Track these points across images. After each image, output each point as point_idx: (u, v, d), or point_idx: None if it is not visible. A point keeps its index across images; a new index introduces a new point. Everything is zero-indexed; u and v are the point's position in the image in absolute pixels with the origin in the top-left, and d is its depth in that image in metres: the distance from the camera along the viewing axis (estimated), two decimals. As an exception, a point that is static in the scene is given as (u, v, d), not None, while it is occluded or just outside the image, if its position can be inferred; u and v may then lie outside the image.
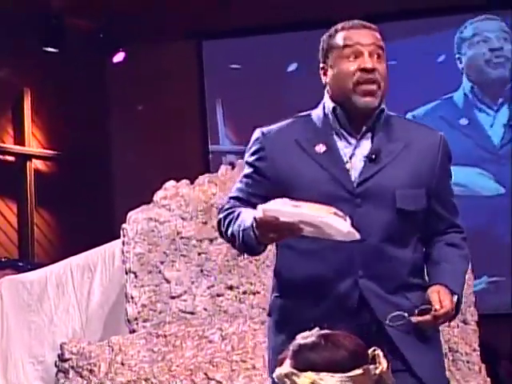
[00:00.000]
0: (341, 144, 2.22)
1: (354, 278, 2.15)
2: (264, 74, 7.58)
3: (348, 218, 2.00)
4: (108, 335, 3.92)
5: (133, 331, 3.82)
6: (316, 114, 2.28)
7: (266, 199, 2.17)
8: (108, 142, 7.91)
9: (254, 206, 2.18)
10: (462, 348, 3.81)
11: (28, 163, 7.27)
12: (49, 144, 7.50)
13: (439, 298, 2.15)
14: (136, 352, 3.69)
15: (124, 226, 4.01)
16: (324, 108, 2.27)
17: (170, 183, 4.14)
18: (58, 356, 3.81)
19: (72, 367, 3.72)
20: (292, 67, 7.65)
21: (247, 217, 2.14)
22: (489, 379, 3.84)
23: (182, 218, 3.98)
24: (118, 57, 7.72)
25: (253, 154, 2.26)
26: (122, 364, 3.67)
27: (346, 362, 1.56)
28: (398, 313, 2.13)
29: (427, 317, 2.14)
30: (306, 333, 1.61)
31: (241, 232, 2.14)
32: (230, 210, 2.24)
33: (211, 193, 4.04)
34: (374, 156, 2.19)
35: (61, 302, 4.20)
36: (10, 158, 7.26)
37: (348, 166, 2.20)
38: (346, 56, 2.21)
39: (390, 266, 2.17)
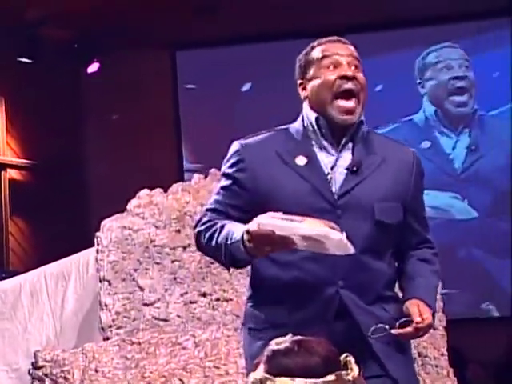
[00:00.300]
0: (321, 155, 2.20)
1: (336, 288, 2.14)
2: (219, 94, 7.60)
3: (344, 233, 1.99)
4: (82, 343, 3.87)
5: (107, 338, 3.78)
6: (294, 127, 2.25)
7: (245, 211, 2.16)
8: (82, 152, 7.87)
9: (233, 218, 2.16)
10: (430, 353, 3.83)
11: (3, 173, 7.21)
12: (23, 153, 7.44)
13: (419, 311, 2.15)
14: (110, 359, 3.65)
15: (98, 234, 3.98)
16: (303, 121, 2.24)
17: (144, 192, 4.11)
18: (32, 364, 3.76)
19: (46, 375, 3.67)
20: (246, 87, 7.69)
21: (235, 230, 2.10)
22: (456, 383, 3.86)
23: (156, 226, 3.96)
24: (93, 67, 7.69)
25: (232, 166, 2.22)
26: (96, 371, 3.63)
27: (319, 368, 1.55)
28: (380, 325, 2.13)
29: (408, 329, 2.14)
30: (280, 339, 1.60)
31: (228, 245, 2.10)
32: (211, 223, 2.19)
33: (184, 201, 4.02)
34: (355, 168, 2.17)
35: (35, 309, 4.15)
36: (-15, 168, 7.19)
37: (329, 177, 2.17)
38: (326, 66, 2.20)
39: (369, 278, 2.17)
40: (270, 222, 2.01)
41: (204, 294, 3.84)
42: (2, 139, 7.25)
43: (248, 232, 2.03)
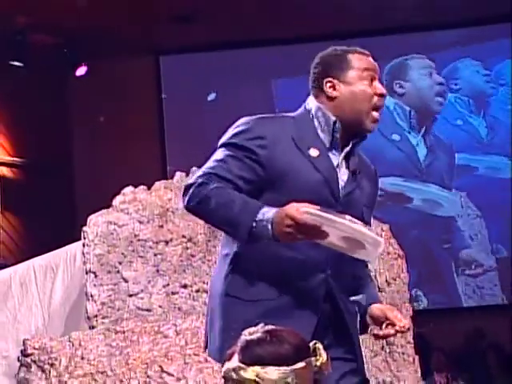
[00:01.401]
0: (329, 153, 2.19)
1: (325, 275, 2.14)
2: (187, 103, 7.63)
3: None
4: (69, 331, 3.86)
5: (92, 327, 3.78)
6: (301, 119, 2.21)
7: (254, 187, 2.09)
8: (70, 150, 7.84)
9: (242, 192, 2.08)
10: (397, 341, 3.85)
11: (-6, 170, 7.17)
12: (14, 151, 7.40)
13: (396, 316, 2.18)
14: (95, 347, 3.64)
15: (85, 228, 3.97)
16: (310, 114, 2.20)
17: (129, 189, 4.10)
18: (21, 351, 3.74)
19: (34, 361, 3.66)
20: (211, 97, 7.69)
21: (265, 208, 2.01)
22: (419, 370, 3.89)
23: (140, 222, 3.95)
24: (81, 70, 7.66)
25: (251, 139, 2.12)
26: (82, 358, 3.62)
27: (290, 356, 1.56)
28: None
29: (391, 332, 2.17)
30: (252, 329, 1.60)
31: (255, 221, 2.01)
32: (224, 191, 2.07)
33: (167, 198, 4.01)
34: (358, 171, 2.20)
35: (24, 300, 4.13)
36: (-23, 165, 7.15)
37: (337, 174, 2.17)
38: (365, 78, 2.20)
39: (348, 274, 2.19)
40: (318, 212, 1.92)
41: (185, 286, 3.84)
42: (-6, 138, 7.21)
43: (291, 217, 1.96)
